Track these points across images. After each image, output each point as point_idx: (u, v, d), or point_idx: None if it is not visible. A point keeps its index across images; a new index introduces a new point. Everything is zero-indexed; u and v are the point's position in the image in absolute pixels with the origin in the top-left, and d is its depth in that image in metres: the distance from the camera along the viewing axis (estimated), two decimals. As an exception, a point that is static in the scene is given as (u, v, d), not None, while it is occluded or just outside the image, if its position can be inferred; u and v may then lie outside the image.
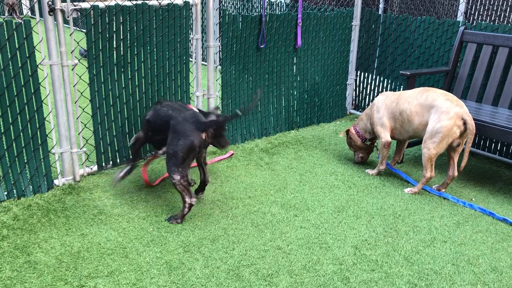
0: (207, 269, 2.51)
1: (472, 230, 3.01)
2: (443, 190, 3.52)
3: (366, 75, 5.34)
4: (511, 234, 2.97)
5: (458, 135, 3.23)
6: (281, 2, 7.23)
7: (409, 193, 3.48)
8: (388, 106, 3.59)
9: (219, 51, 4.13)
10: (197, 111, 3.13)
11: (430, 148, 3.28)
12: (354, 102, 5.57)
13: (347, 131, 3.99)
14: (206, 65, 4.26)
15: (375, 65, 5.19)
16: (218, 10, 6.12)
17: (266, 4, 7.34)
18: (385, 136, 3.64)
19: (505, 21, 7.16)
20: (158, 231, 2.87)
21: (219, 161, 3.97)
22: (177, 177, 2.88)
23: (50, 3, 3.02)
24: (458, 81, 4.16)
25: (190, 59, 4.09)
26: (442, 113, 3.21)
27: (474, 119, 3.46)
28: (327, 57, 4.93)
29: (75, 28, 10.99)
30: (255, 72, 4.33)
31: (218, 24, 4.79)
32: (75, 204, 3.15)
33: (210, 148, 4.04)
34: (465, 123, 3.21)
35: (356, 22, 5.10)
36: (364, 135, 3.87)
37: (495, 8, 7.26)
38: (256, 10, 7.78)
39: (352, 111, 5.55)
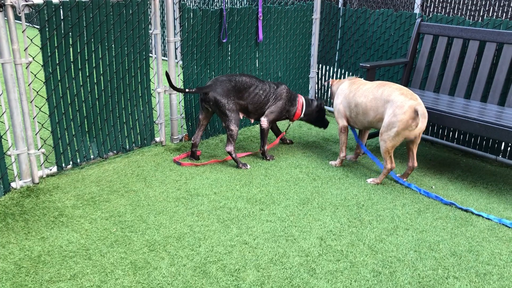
0: (173, 268, 2.49)
1: (432, 217, 3.10)
2: (405, 179, 3.61)
3: (327, 68, 5.39)
4: (469, 219, 3.08)
5: (413, 127, 3.29)
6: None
7: (372, 183, 3.54)
8: (347, 96, 3.67)
9: (180, 46, 4.08)
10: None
11: (386, 141, 3.35)
12: (316, 95, 5.62)
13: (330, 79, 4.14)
14: (166, 60, 4.20)
15: (336, 58, 5.25)
16: (177, 4, 6.03)
17: (226, -2, 7.28)
18: (341, 121, 3.75)
19: (459, 13, 7.39)
20: (122, 231, 2.82)
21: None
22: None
23: (-1, -2, 2.89)
24: (416, 72, 4.26)
25: (150, 54, 4.01)
26: (397, 108, 3.27)
27: (432, 109, 3.55)
28: (289, 51, 4.95)
29: (28, 24, 10.60)
30: (217, 67, 4.30)
31: (178, 19, 4.73)
32: (34, 207, 3.05)
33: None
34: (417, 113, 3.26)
35: (316, 16, 5.14)
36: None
37: (449, 1, 7.47)
38: (216, 4, 7.72)
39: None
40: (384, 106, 3.37)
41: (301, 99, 4.04)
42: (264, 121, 3.89)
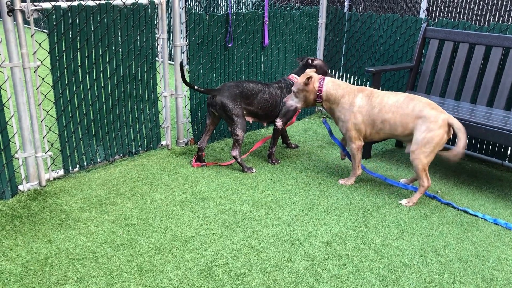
0: (179, 271, 2.50)
1: (438, 221, 3.09)
2: (412, 184, 3.60)
3: (333, 73, 5.40)
4: (475, 224, 3.07)
5: (446, 140, 3.23)
6: (247, 0, 7.23)
7: (407, 205, 3.30)
8: (369, 112, 3.38)
9: (186, 50, 4.10)
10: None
11: (422, 159, 3.20)
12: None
13: (310, 78, 3.44)
14: (173, 64, 4.22)
15: (342, 62, 5.26)
16: (184, 9, 6.07)
17: (232, 3, 7.32)
18: (359, 141, 3.49)
19: (465, 18, 7.38)
20: (128, 234, 2.83)
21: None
22: None
23: (9, 3, 2.93)
24: (422, 76, 4.26)
25: (157, 58, 4.04)
26: (431, 123, 3.16)
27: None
28: (295, 56, 4.96)
29: (36, 28, 10.68)
30: (223, 71, 4.32)
31: (184, 23, 4.76)
32: (41, 209, 3.07)
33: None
34: (451, 127, 3.18)
35: (322, 20, 5.15)
36: (323, 99, 3.49)
37: (455, 5, 7.47)
38: (222, 9, 7.76)
39: (321, 107, 5.61)
40: (414, 122, 3.24)
41: (294, 78, 4.04)
42: (279, 122, 3.95)
